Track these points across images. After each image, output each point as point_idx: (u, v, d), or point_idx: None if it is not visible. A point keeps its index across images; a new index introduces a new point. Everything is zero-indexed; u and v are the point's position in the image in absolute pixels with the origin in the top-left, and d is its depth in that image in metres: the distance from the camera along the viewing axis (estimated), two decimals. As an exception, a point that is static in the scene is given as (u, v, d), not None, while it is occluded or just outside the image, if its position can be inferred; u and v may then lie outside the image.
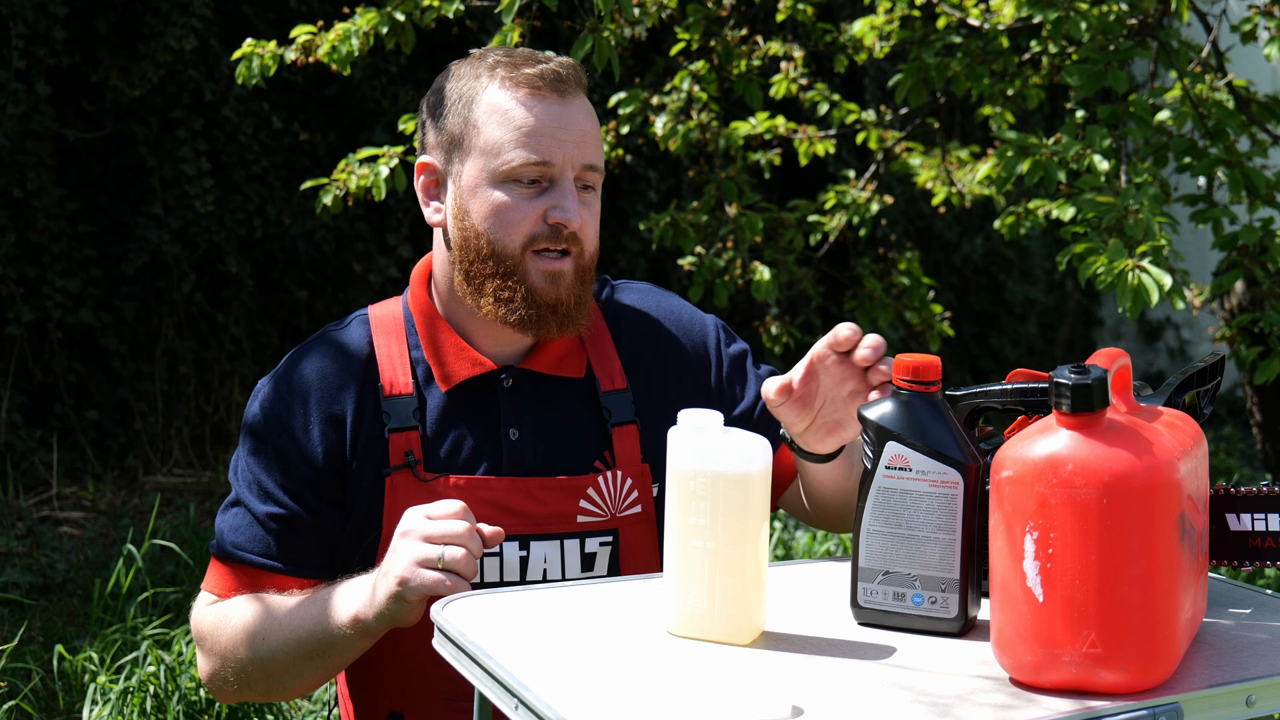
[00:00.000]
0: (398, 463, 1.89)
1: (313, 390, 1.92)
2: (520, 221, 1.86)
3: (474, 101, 1.88)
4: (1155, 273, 2.77)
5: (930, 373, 1.59)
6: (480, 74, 1.90)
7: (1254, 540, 1.62)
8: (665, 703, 1.39)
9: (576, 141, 1.87)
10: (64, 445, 5.38)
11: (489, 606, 1.65)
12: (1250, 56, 4.90)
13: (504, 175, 1.86)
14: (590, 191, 1.91)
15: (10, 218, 5.21)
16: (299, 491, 1.90)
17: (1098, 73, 3.15)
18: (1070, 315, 8.37)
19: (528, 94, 1.86)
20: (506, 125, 1.86)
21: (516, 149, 1.85)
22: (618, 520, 1.94)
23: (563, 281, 1.88)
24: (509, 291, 1.88)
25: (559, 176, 1.87)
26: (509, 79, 1.87)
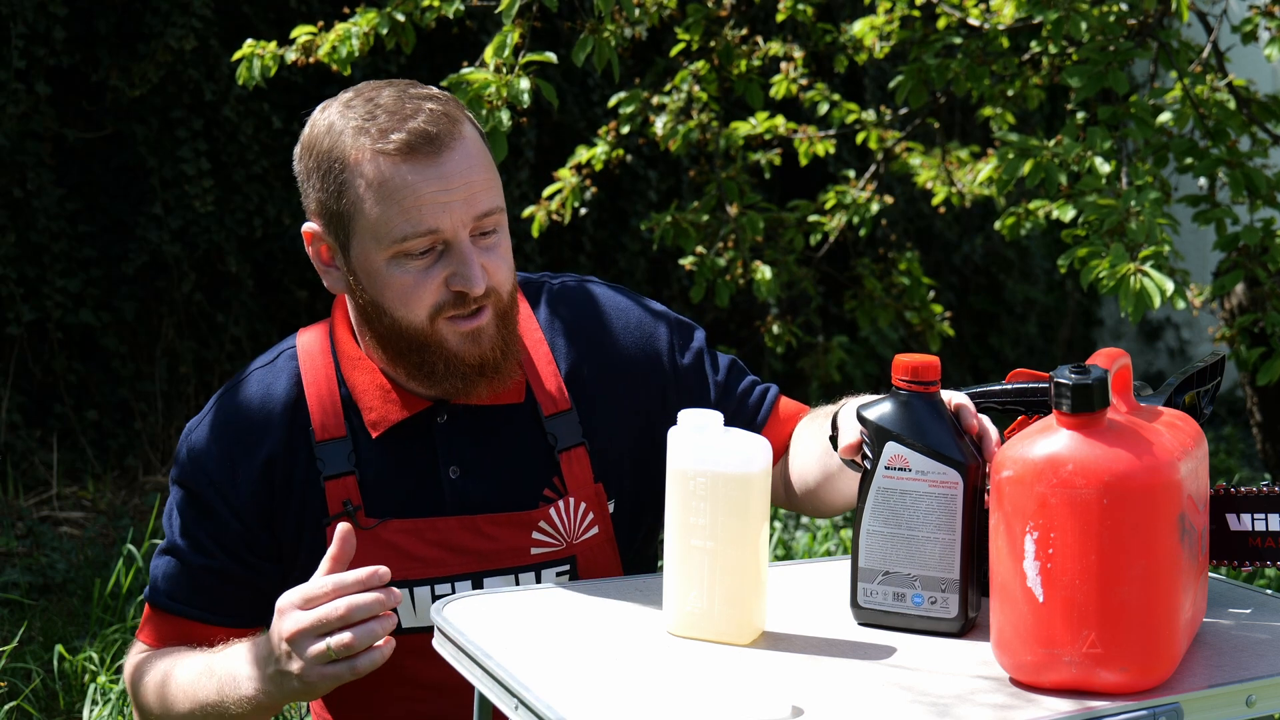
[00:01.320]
0: (336, 511, 1.82)
1: (239, 439, 1.84)
2: (421, 296, 1.75)
3: (346, 174, 1.75)
4: (1157, 277, 2.78)
5: (929, 373, 1.59)
6: (346, 138, 1.76)
7: (1254, 540, 1.62)
8: (665, 703, 1.39)
9: (463, 199, 1.74)
10: (64, 445, 5.38)
11: (489, 606, 1.65)
12: (1250, 56, 4.90)
13: (393, 253, 1.74)
14: (491, 235, 1.79)
15: (10, 218, 5.21)
16: (230, 545, 1.84)
17: (1098, 73, 3.15)
18: (1070, 315, 8.37)
19: (401, 161, 1.72)
20: (385, 201, 1.73)
21: (400, 224, 1.73)
22: (574, 547, 1.87)
23: (483, 337, 1.78)
24: (429, 365, 1.78)
25: (453, 240, 1.74)
26: (378, 149, 1.73)
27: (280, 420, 1.84)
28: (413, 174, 1.73)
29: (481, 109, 2.81)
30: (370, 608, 1.60)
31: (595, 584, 1.77)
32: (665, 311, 2.00)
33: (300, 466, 1.83)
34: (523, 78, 2.82)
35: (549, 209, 3.84)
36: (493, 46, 2.95)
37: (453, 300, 1.76)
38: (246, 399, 1.87)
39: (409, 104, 1.76)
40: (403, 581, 1.81)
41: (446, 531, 1.83)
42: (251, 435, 1.84)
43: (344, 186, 1.76)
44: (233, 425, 1.86)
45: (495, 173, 1.81)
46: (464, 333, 1.77)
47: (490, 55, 2.93)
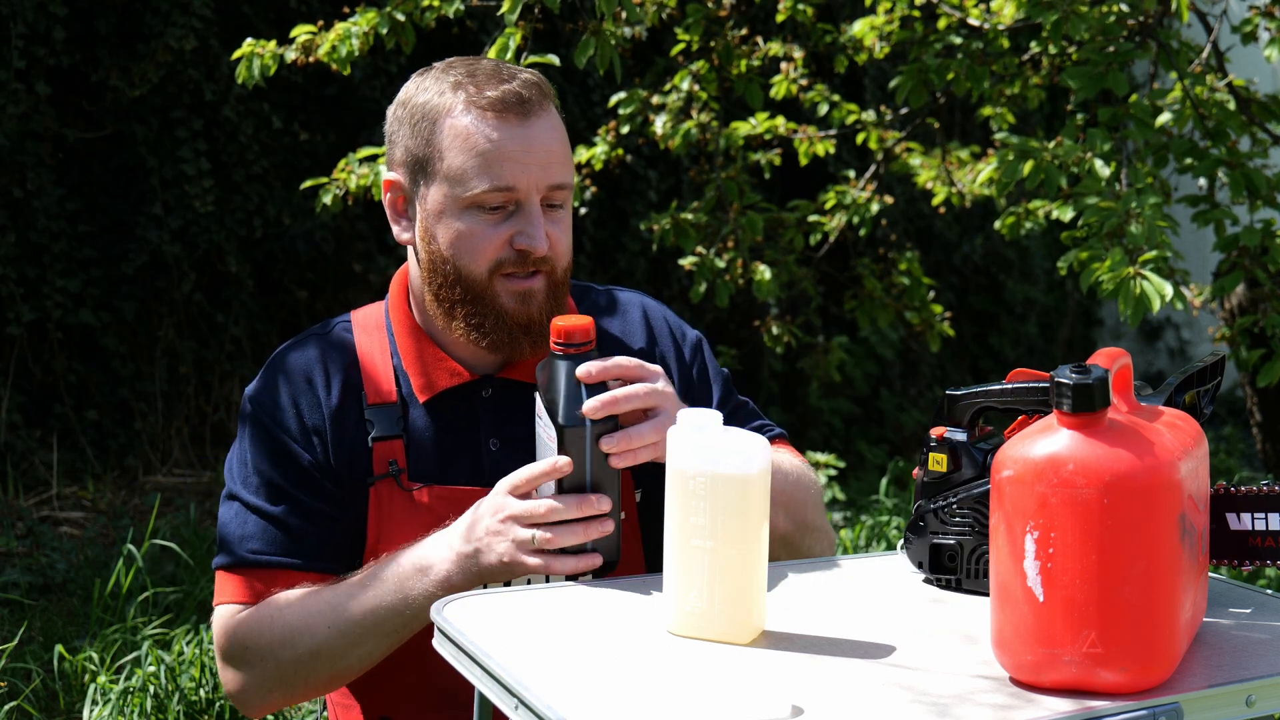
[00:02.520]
0: (381, 471, 1.88)
1: (300, 389, 1.91)
2: (485, 249, 1.84)
3: (437, 124, 1.85)
4: (1156, 281, 2.78)
5: (576, 336, 1.73)
6: (444, 92, 1.86)
7: (1254, 540, 1.62)
8: (665, 703, 1.39)
9: (541, 164, 1.84)
10: (64, 445, 5.38)
11: (489, 606, 1.65)
12: (1250, 56, 4.90)
13: (468, 202, 1.84)
14: (559, 209, 1.88)
15: (10, 218, 5.21)
16: (309, 484, 1.88)
17: (1098, 74, 3.15)
18: (1070, 315, 8.38)
19: (491, 117, 1.83)
20: (469, 151, 1.83)
21: (480, 176, 1.82)
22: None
23: (534, 300, 1.86)
24: (479, 317, 1.86)
25: (525, 201, 1.84)
26: (472, 102, 1.84)
27: (335, 379, 1.92)
28: (500, 130, 1.82)
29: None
30: (566, 511, 1.68)
31: (595, 584, 1.77)
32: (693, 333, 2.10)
33: (351, 425, 1.90)
34: (524, 79, 2.82)
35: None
36: (495, 48, 2.95)
37: (514, 258, 1.84)
38: (305, 357, 1.94)
39: (505, 70, 1.88)
40: None
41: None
42: (310, 387, 1.91)
43: (434, 132, 1.85)
44: (293, 377, 1.93)
45: (570, 154, 1.92)
46: (517, 292, 1.85)
47: (492, 57, 2.93)
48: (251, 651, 1.84)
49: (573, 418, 1.69)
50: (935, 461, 1.74)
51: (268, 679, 1.85)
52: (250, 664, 1.85)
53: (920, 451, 1.76)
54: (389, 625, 1.78)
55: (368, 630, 1.79)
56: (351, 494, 1.89)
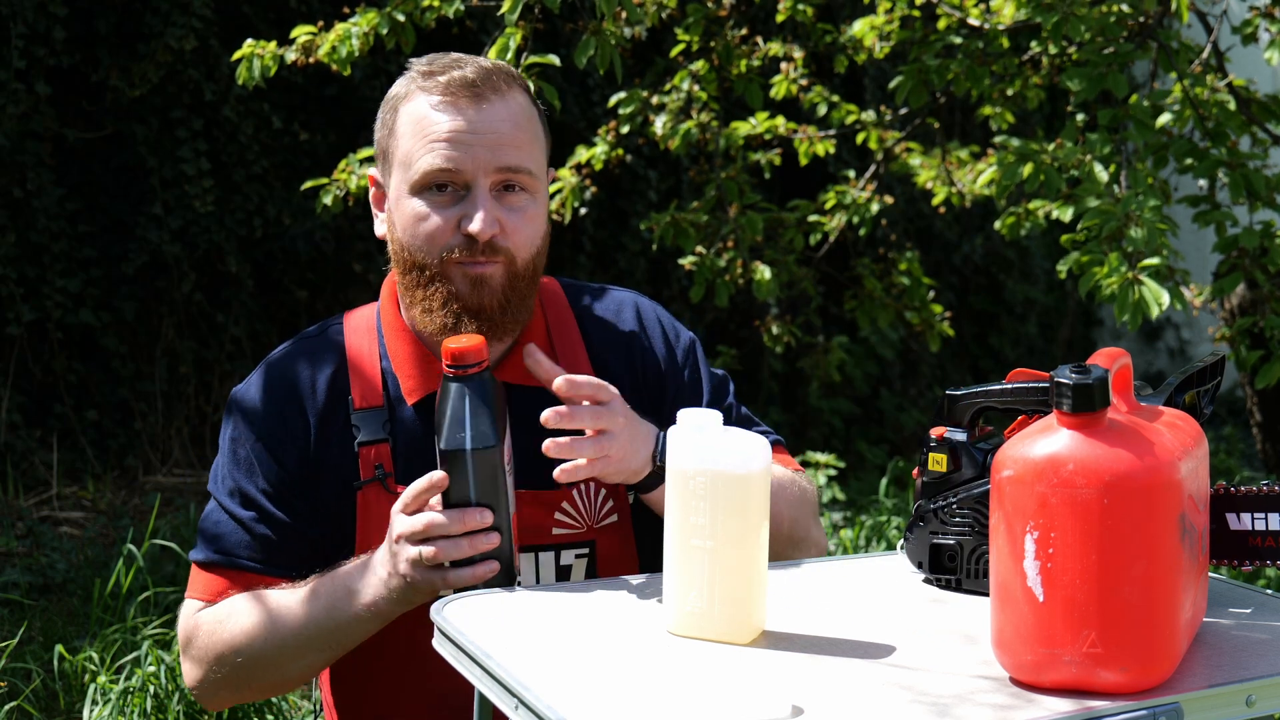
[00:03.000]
0: (368, 476, 1.88)
1: (287, 398, 1.92)
2: (434, 232, 1.84)
3: (396, 111, 1.88)
4: (1154, 287, 2.78)
5: (467, 356, 1.72)
6: (404, 84, 1.89)
7: (1254, 540, 1.62)
8: (665, 703, 1.39)
9: (490, 145, 1.83)
10: (64, 445, 5.38)
11: (489, 606, 1.65)
12: (1250, 56, 4.90)
13: (417, 184, 1.84)
14: (519, 194, 1.87)
15: (10, 218, 5.21)
16: (279, 496, 1.89)
17: (1098, 75, 3.15)
18: (1070, 315, 8.38)
19: (439, 101, 1.84)
20: (418, 134, 1.84)
21: (424, 157, 1.83)
22: (594, 531, 1.92)
23: (487, 287, 1.85)
24: (432, 300, 1.86)
25: (472, 184, 1.84)
26: (423, 87, 1.86)
27: (323, 385, 1.92)
28: (447, 111, 1.83)
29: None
30: (445, 527, 1.68)
31: (595, 584, 1.77)
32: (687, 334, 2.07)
33: (338, 431, 1.90)
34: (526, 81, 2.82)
35: (549, 208, 3.84)
36: (495, 49, 2.95)
37: (462, 243, 1.84)
38: (293, 363, 1.95)
39: (465, 61, 1.89)
40: None
41: None
42: (296, 395, 1.92)
43: (391, 120, 1.88)
44: (280, 385, 1.93)
45: (538, 142, 1.89)
46: (471, 276, 1.84)
47: (493, 57, 2.93)
48: (202, 651, 1.89)
49: (453, 440, 1.69)
50: (935, 461, 1.74)
51: (216, 679, 1.89)
52: (201, 662, 1.90)
53: (920, 451, 1.76)
54: (322, 642, 1.81)
55: (303, 646, 1.82)
56: (338, 499, 1.89)
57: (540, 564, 1.90)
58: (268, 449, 1.90)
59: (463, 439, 1.69)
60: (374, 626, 1.80)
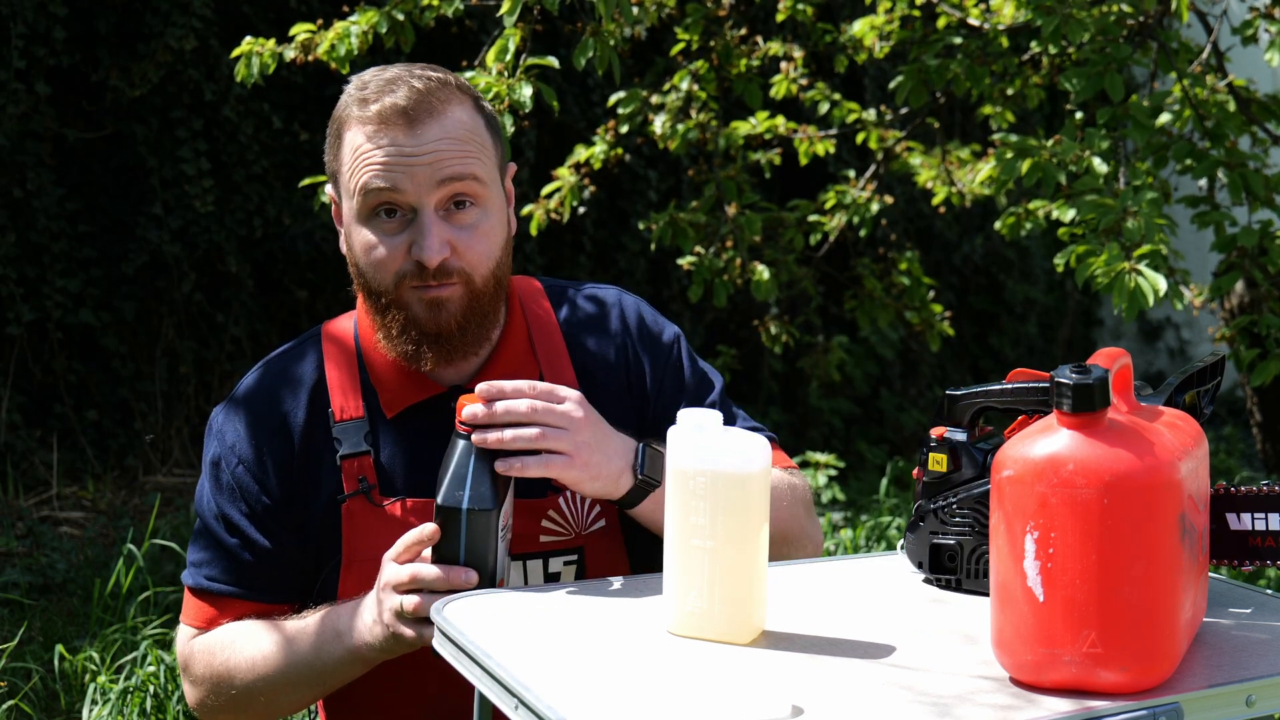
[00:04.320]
0: (352, 489, 1.87)
1: (264, 420, 1.90)
2: (386, 260, 1.82)
3: (340, 138, 1.85)
4: (1151, 276, 2.78)
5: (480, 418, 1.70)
6: (343, 107, 1.86)
7: (1254, 540, 1.62)
8: (665, 703, 1.39)
9: (428, 164, 1.79)
10: (64, 445, 5.38)
11: (489, 606, 1.65)
12: (1250, 55, 4.90)
13: (364, 213, 1.81)
14: (469, 209, 1.83)
15: (10, 218, 5.21)
16: (261, 521, 1.89)
17: (1097, 75, 3.16)
18: (1070, 315, 8.38)
19: (374, 130, 1.80)
20: (357, 163, 1.81)
21: (366, 183, 1.80)
22: (582, 538, 1.91)
23: (445, 309, 1.82)
24: (391, 327, 1.84)
25: (418, 207, 1.80)
26: (359, 117, 1.82)
27: (302, 401, 1.90)
28: (382, 137, 1.80)
29: (483, 112, 2.82)
30: (429, 581, 1.67)
31: (595, 584, 1.77)
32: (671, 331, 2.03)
33: (319, 445, 1.88)
34: (525, 83, 2.82)
35: (548, 208, 3.84)
36: (494, 50, 2.95)
37: (414, 270, 1.81)
38: (271, 381, 1.93)
39: (400, 80, 1.83)
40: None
41: None
42: (275, 415, 1.90)
43: (336, 146, 1.86)
44: (258, 406, 1.91)
45: (485, 149, 1.85)
46: (427, 300, 1.82)
47: (492, 59, 2.93)
48: (198, 678, 1.91)
49: (451, 498, 1.68)
50: (935, 461, 1.74)
51: (214, 704, 1.91)
52: (198, 686, 1.91)
53: (920, 451, 1.76)
54: (311, 680, 1.82)
55: (293, 683, 1.82)
56: (324, 513, 1.88)
57: (528, 571, 1.88)
58: (250, 474, 1.89)
59: (460, 498, 1.68)
60: (361, 669, 1.80)
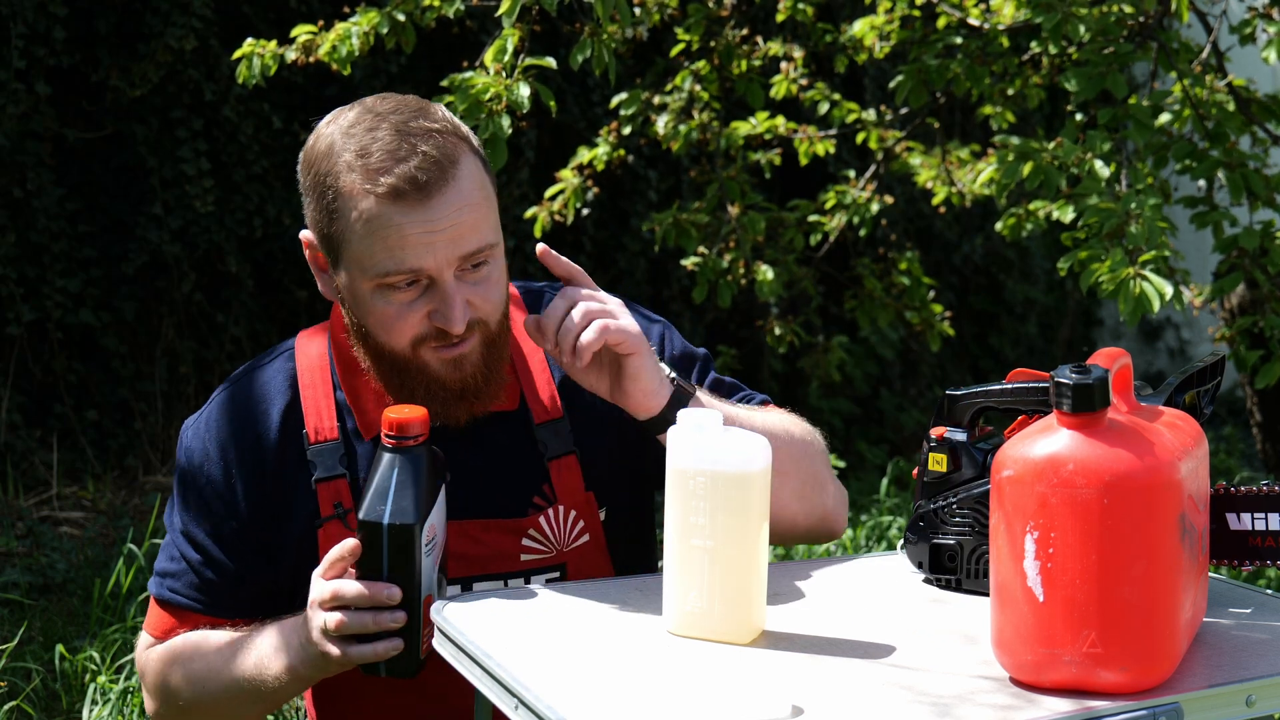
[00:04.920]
0: (328, 513, 1.84)
1: (234, 440, 1.87)
2: (404, 328, 1.76)
3: (338, 202, 1.75)
4: (1156, 281, 2.78)
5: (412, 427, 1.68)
6: (342, 172, 1.75)
7: (1254, 540, 1.62)
8: (665, 703, 1.39)
9: (449, 239, 1.73)
10: (64, 445, 5.38)
11: (489, 606, 1.65)
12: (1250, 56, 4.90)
13: (377, 285, 1.75)
14: (483, 267, 1.78)
15: (10, 218, 5.21)
16: (226, 542, 1.86)
17: (1098, 75, 3.16)
18: (1070, 315, 8.37)
19: (389, 203, 1.72)
20: (372, 238, 1.73)
21: (384, 263, 1.73)
22: (565, 554, 1.88)
23: (465, 363, 1.78)
24: (409, 388, 1.79)
25: (437, 278, 1.74)
26: (368, 189, 1.73)
27: (275, 422, 1.87)
28: (399, 215, 1.72)
29: (481, 113, 2.82)
30: (350, 598, 1.65)
31: (595, 584, 1.77)
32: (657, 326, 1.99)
33: (293, 467, 1.85)
34: (523, 84, 2.82)
35: (551, 209, 3.84)
36: (493, 50, 2.95)
37: (434, 334, 1.77)
38: (243, 399, 1.89)
39: (405, 144, 1.74)
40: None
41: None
42: (247, 436, 1.87)
43: (335, 214, 1.76)
44: (229, 425, 1.88)
45: (490, 206, 1.80)
46: (447, 359, 1.78)
47: (490, 59, 2.93)
48: (152, 688, 1.91)
49: (372, 512, 1.65)
50: (935, 461, 1.74)
51: (164, 714, 1.90)
52: (153, 696, 1.92)
53: (920, 451, 1.76)
54: (255, 696, 1.80)
55: (238, 699, 1.81)
56: (300, 536, 1.85)
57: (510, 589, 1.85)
58: (217, 495, 1.86)
59: (381, 512, 1.65)
60: (301, 687, 1.79)
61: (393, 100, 1.82)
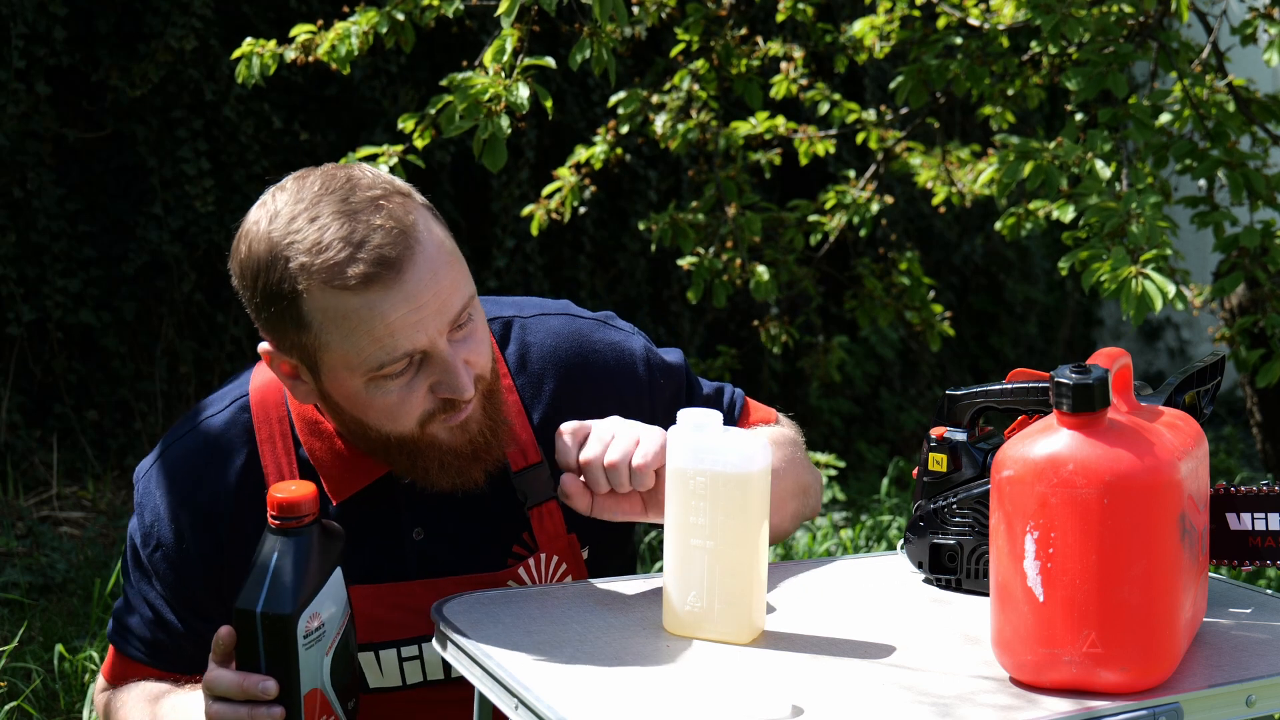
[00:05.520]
0: None
1: (187, 502, 1.77)
2: (410, 411, 1.66)
3: (303, 308, 1.61)
4: (1159, 279, 2.78)
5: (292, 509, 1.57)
6: (296, 274, 1.60)
7: (1254, 540, 1.62)
8: (665, 703, 1.39)
9: (435, 310, 1.62)
10: (64, 445, 5.38)
11: (489, 606, 1.65)
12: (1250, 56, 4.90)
13: (371, 379, 1.63)
14: (468, 323, 1.68)
15: (10, 218, 5.21)
16: (178, 605, 1.80)
17: (1098, 75, 3.16)
18: (1070, 315, 8.37)
19: (364, 292, 1.59)
20: (355, 334, 1.60)
21: (376, 354, 1.61)
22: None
23: (472, 423, 1.69)
24: (422, 466, 1.71)
25: (432, 351, 1.63)
26: (338, 285, 1.59)
27: (232, 482, 1.77)
28: (378, 301, 1.60)
29: (481, 114, 2.82)
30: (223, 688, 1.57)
31: (595, 584, 1.77)
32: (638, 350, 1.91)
33: (252, 533, 1.69)
34: (521, 84, 2.82)
35: (548, 208, 3.84)
36: (492, 50, 2.95)
37: (441, 406, 1.67)
38: (195, 456, 1.79)
39: (356, 224, 1.61)
40: (367, 645, 1.78)
41: (410, 595, 1.78)
42: (200, 496, 1.77)
43: (304, 323, 1.63)
44: (180, 485, 1.79)
45: (456, 254, 1.68)
46: (454, 427, 1.69)
47: (489, 59, 2.93)
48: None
49: (246, 599, 1.55)
50: (935, 461, 1.74)
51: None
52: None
53: (920, 451, 1.76)
54: None
55: None
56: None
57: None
58: (168, 560, 1.79)
59: (255, 599, 1.55)
60: None
61: (317, 177, 1.67)
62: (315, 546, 1.57)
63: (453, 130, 2.87)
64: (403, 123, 3.24)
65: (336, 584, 1.60)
